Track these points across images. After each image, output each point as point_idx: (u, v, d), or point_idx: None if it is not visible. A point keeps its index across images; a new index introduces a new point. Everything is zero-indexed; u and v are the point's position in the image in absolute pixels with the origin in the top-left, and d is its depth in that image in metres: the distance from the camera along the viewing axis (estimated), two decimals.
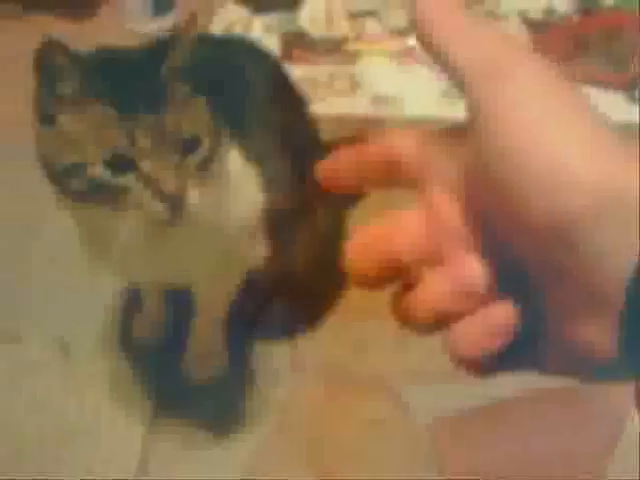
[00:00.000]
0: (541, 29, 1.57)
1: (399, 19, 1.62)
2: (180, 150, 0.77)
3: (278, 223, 0.97)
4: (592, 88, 1.43)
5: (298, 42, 1.58)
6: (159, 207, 0.76)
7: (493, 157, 0.32)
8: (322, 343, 1.13)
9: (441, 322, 0.35)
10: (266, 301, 1.13)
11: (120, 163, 0.75)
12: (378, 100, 1.49)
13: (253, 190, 0.91)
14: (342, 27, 1.61)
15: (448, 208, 0.36)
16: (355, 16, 1.63)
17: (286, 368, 1.10)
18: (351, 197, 1.27)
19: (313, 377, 1.09)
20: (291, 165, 1.01)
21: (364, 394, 1.08)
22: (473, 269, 0.35)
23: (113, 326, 1.14)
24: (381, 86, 1.51)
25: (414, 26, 0.36)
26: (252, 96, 0.99)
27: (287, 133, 1.02)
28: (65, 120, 0.77)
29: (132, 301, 1.14)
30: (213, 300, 1.04)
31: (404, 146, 0.37)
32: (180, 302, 1.08)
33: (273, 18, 1.64)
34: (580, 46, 1.52)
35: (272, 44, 1.57)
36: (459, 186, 0.35)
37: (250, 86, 1.00)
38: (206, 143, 0.79)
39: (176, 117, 0.77)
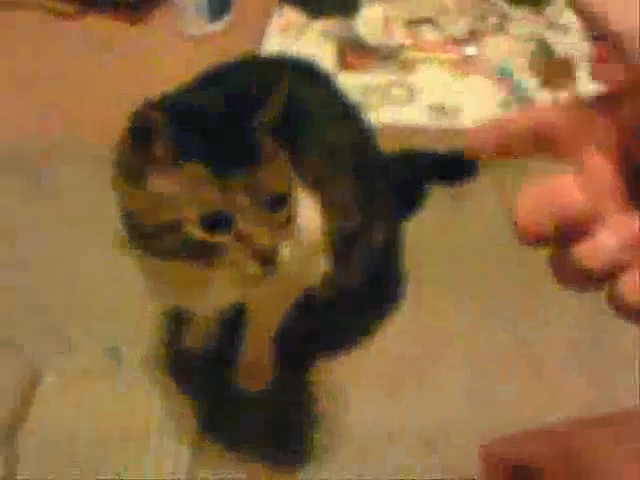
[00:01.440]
0: (605, 41, 1.53)
1: (457, 27, 1.59)
2: (270, 207, 0.77)
3: (337, 240, 0.95)
4: None
5: (354, 49, 1.56)
6: (254, 266, 0.76)
7: None
8: (377, 358, 1.11)
9: (606, 276, 0.38)
10: (323, 316, 1.12)
11: (216, 222, 0.75)
12: (435, 110, 1.46)
13: (313, 217, 0.90)
14: (399, 35, 1.58)
15: (604, 167, 0.38)
16: (412, 24, 1.61)
17: (344, 384, 1.09)
18: (408, 210, 1.25)
19: (368, 391, 1.08)
20: (351, 185, 0.99)
21: (418, 412, 1.06)
22: (635, 222, 0.38)
23: (165, 335, 1.13)
24: (438, 95, 1.48)
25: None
26: (303, 119, 0.97)
27: (343, 151, 1.00)
28: (157, 181, 0.76)
29: (184, 311, 1.13)
30: (266, 315, 1.03)
31: (553, 114, 0.40)
32: (232, 314, 1.07)
33: (329, 24, 1.62)
34: None
35: (327, 50, 1.56)
36: (613, 146, 0.38)
37: (301, 109, 0.98)
38: (292, 200, 0.79)
39: (267, 174, 0.76)
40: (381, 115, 1.44)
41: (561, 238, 0.39)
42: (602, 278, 0.38)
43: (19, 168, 1.34)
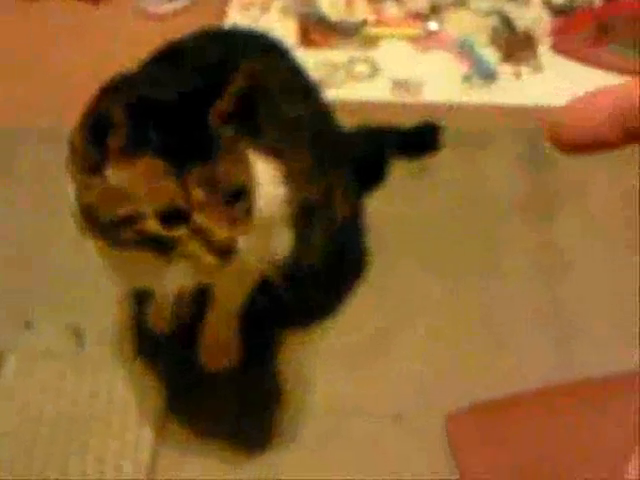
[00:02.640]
0: (564, 14, 1.54)
1: (419, 2, 1.59)
2: (229, 199, 0.76)
3: (298, 214, 0.95)
4: (616, 76, 1.40)
5: (316, 26, 1.55)
6: (211, 259, 0.75)
7: None
8: (342, 332, 1.11)
9: None
10: (286, 293, 1.12)
11: (172, 216, 0.74)
12: (398, 85, 1.46)
13: (273, 183, 0.90)
14: (361, 10, 1.58)
15: None
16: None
17: (307, 358, 1.09)
18: (368, 186, 1.25)
19: (334, 365, 1.08)
20: (308, 154, 0.99)
21: (385, 384, 1.06)
22: None
23: (128, 314, 1.13)
24: (401, 71, 1.48)
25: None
26: (261, 89, 0.96)
27: (300, 125, 1.00)
28: (114, 172, 0.75)
29: (146, 291, 1.12)
30: (229, 295, 1.03)
31: None
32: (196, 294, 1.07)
33: (291, 1, 1.61)
34: (604, 31, 1.49)
35: (290, 27, 1.55)
36: None
37: (259, 80, 0.97)
38: (252, 192, 0.79)
39: (225, 166, 0.76)
40: (344, 91, 1.44)
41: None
42: None
43: None
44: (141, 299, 1.12)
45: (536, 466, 0.97)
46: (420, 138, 1.32)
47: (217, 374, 1.06)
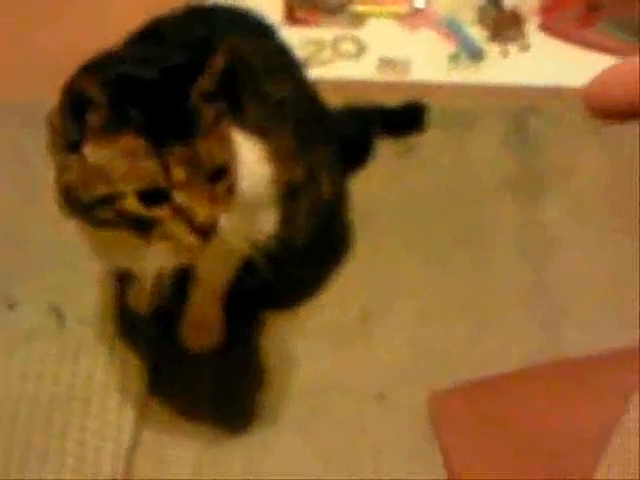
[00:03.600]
0: None
1: None
2: (210, 178, 0.75)
3: (283, 194, 0.94)
4: (604, 56, 1.40)
5: (302, 3, 1.53)
6: (192, 239, 0.75)
7: None
8: (326, 312, 1.11)
9: None
10: (270, 272, 1.11)
11: (153, 196, 0.73)
12: (384, 64, 1.45)
13: (258, 162, 0.89)
14: None
15: None
16: None
17: (290, 337, 1.08)
18: (354, 165, 1.24)
19: (317, 345, 1.07)
20: (293, 134, 0.98)
21: (369, 363, 1.06)
22: None
23: (109, 294, 1.12)
24: (387, 50, 1.47)
25: None
26: (244, 67, 0.95)
27: (285, 104, 0.99)
28: (93, 151, 0.74)
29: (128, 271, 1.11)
30: (213, 275, 1.02)
31: None
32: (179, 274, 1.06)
33: None
34: (594, 10, 1.48)
35: (275, 5, 1.53)
36: None
37: (241, 57, 0.96)
38: (234, 171, 0.78)
39: (207, 145, 0.75)
40: (330, 70, 1.42)
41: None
42: None
43: None
44: (123, 280, 1.11)
45: (519, 443, 0.98)
46: (406, 117, 1.31)
47: (200, 354, 1.06)
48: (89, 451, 0.97)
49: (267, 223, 0.94)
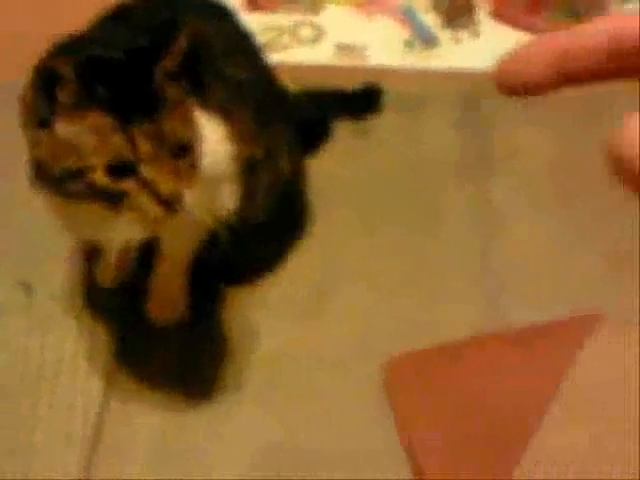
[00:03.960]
0: None
1: None
2: (174, 154, 0.80)
3: (244, 171, 0.99)
4: None
5: None
6: (157, 210, 0.79)
7: None
8: (285, 286, 1.16)
9: None
10: (232, 247, 1.15)
11: (120, 169, 0.78)
12: (342, 49, 1.50)
13: (219, 140, 0.93)
14: None
15: None
16: None
17: (251, 310, 1.13)
18: (312, 146, 1.29)
19: (276, 318, 1.12)
20: (253, 114, 1.02)
21: (326, 334, 1.11)
22: None
23: (77, 269, 1.15)
24: (345, 36, 1.52)
25: None
26: (206, 50, 0.99)
27: (245, 85, 1.03)
28: (63, 127, 0.78)
29: (95, 245, 1.15)
30: (177, 249, 1.06)
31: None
32: (145, 248, 1.10)
33: None
34: None
35: None
36: None
37: (204, 40, 1.01)
38: (197, 148, 0.82)
39: (171, 122, 0.79)
40: (289, 55, 1.47)
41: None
42: None
43: None
44: (90, 255, 1.15)
45: (464, 407, 1.03)
46: (362, 100, 1.36)
47: (165, 327, 1.10)
48: (59, 418, 1.01)
49: (228, 198, 0.98)
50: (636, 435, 0.95)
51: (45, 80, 0.78)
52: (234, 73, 1.02)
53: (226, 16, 1.10)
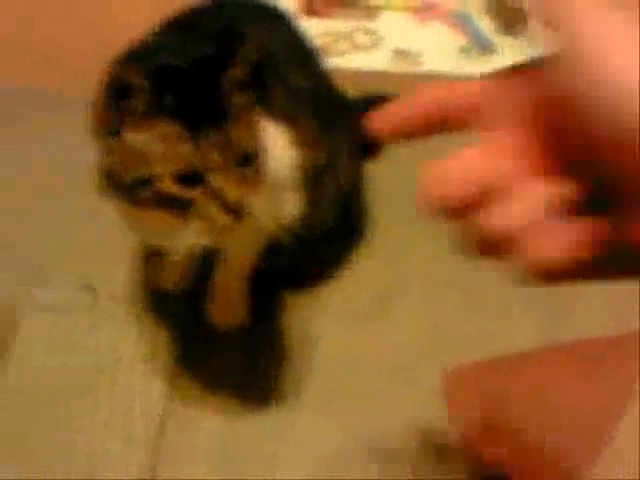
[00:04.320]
0: None
1: None
2: (240, 162, 0.81)
3: (307, 177, 0.99)
4: None
5: None
6: (225, 218, 0.80)
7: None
8: (346, 291, 1.16)
9: (512, 242, 0.37)
10: (294, 253, 1.16)
11: (188, 177, 0.79)
12: (398, 55, 1.49)
13: (283, 147, 0.94)
14: None
15: (515, 138, 0.38)
16: None
17: (312, 317, 1.13)
18: (372, 151, 1.29)
19: (338, 323, 1.12)
20: (315, 120, 1.03)
21: (387, 341, 1.11)
22: (542, 189, 0.37)
23: (140, 271, 1.16)
24: (401, 41, 1.52)
25: None
26: (269, 57, 1.00)
27: (307, 92, 1.03)
28: (132, 135, 0.80)
29: (159, 250, 1.16)
30: (242, 253, 1.07)
31: (468, 92, 0.40)
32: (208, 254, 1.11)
33: None
34: None
35: None
36: (527, 118, 0.38)
37: (267, 48, 1.01)
38: (263, 156, 0.83)
39: (238, 131, 0.80)
40: (346, 61, 1.47)
41: (470, 209, 0.39)
42: (507, 244, 0.37)
43: None
44: (154, 259, 1.16)
45: (530, 423, 1.02)
46: None
47: (226, 332, 1.11)
48: (119, 426, 1.02)
49: (293, 205, 0.99)
50: None
51: (117, 89, 0.79)
52: (296, 79, 1.02)
53: (285, 22, 1.10)
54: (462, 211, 0.39)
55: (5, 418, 1.03)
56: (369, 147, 1.26)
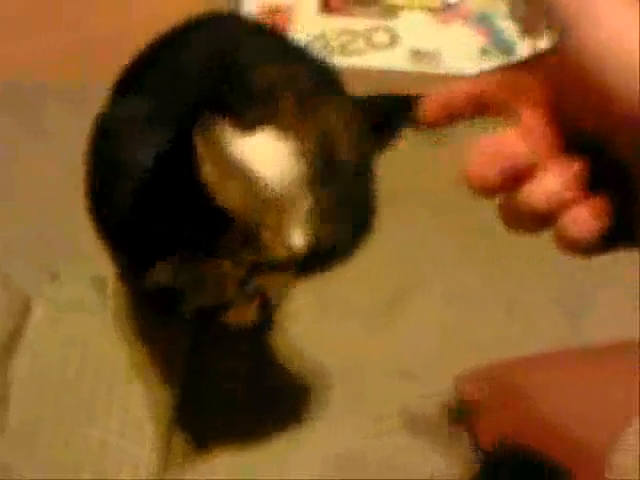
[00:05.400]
0: None
1: None
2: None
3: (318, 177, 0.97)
4: None
5: None
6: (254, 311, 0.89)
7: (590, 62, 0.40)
8: (355, 293, 1.15)
9: (550, 215, 0.44)
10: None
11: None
12: (416, 55, 1.48)
13: (288, 168, 0.92)
14: None
15: (537, 120, 0.46)
16: None
17: (320, 321, 1.12)
18: (380, 148, 1.27)
19: (346, 327, 1.11)
20: (320, 124, 1.01)
21: (398, 344, 1.10)
22: (571, 165, 0.44)
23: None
24: (420, 41, 1.50)
25: None
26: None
27: (307, 98, 1.02)
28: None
29: None
30: None
31: (491, 80, 0.51)
32: None
33: None
34: None
35: None
36: (543, 101, 0.46)
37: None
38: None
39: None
40: (363, 60, 1.46)
41: (508, 186, 0.45)
42: (547, 217, 0.44)
43: (11, 109, 1.34)
44: None
45: (543, 427, 1.01)
46: None
47: (238, 331, 1.10)
48: (131, 421, 1.02)
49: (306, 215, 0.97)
50: None
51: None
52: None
53: (273, 34, 1.10)
54: (502, 188, 0.46)
55: (15, 413, 1.02)
56: (379, 145, 1.25)
